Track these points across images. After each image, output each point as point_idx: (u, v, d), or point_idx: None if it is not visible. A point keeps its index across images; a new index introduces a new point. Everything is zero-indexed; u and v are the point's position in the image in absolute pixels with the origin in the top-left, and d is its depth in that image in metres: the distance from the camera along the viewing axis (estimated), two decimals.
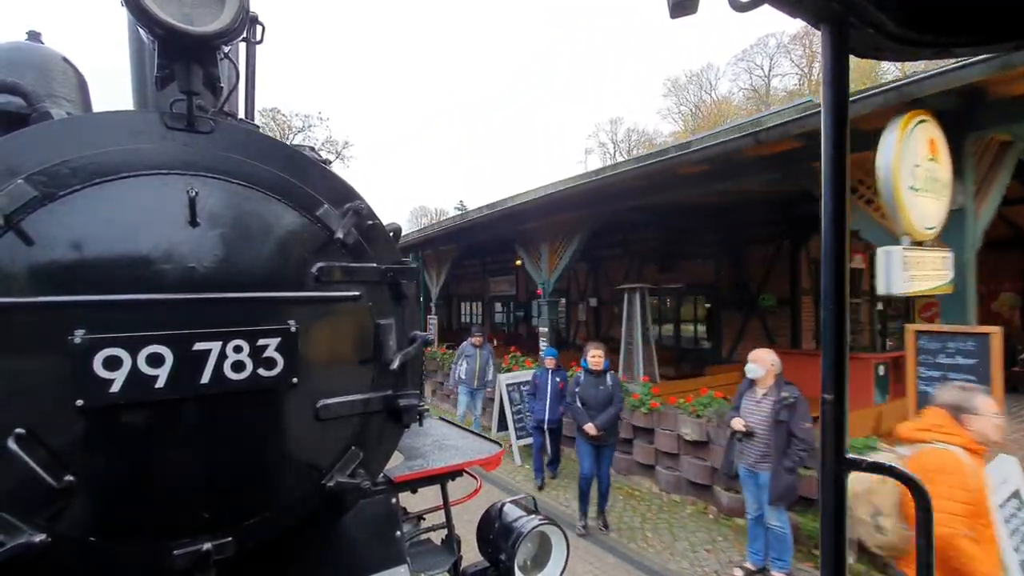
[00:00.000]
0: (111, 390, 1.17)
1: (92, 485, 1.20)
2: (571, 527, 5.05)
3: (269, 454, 1.42)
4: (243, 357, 1.31)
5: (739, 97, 34.77)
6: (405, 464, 1.97)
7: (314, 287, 1.46)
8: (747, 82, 34.43)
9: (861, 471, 0.95)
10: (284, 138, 25.89)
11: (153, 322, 1.23)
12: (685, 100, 37.52)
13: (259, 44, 2.06)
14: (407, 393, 1.64)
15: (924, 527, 0.96)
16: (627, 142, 40.13)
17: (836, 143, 0.92)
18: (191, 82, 1.33)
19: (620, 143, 40.35)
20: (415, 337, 1.68)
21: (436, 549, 2.19)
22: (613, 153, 39.87)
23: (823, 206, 0.94)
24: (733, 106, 33.97)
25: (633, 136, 40.14)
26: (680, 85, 37.48)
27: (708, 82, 36.55)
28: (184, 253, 1.28)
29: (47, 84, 1.86)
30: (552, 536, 1.95)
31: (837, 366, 0.94)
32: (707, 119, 33.88)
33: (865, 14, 0.85)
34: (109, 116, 1.33)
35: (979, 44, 0.92)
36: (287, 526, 1.46)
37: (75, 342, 1.14)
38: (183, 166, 1.33)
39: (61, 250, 1.17)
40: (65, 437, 1.16)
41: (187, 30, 1.24)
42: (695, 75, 37.05)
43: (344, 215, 1.53)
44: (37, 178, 1.17)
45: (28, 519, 1.13)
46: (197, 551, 1.30)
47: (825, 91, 0.91)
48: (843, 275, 0.94)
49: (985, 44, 0.92)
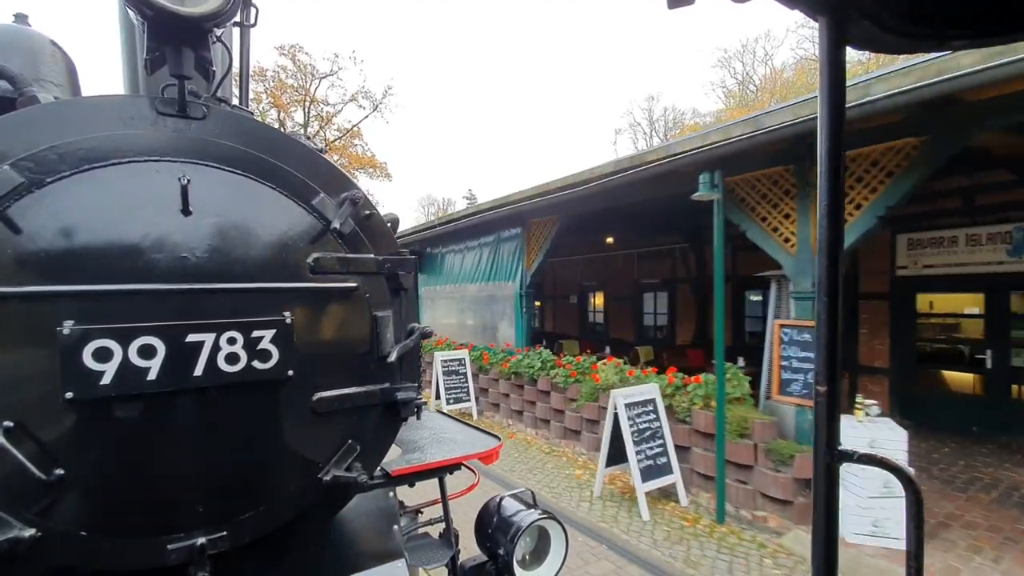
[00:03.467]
0: (101, 382, 1.14)
1: (83, 479, 1.17)
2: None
3: (264, 448, 1.40)
4: (237, 349, 1.29)
5: (790, 72, 29.13)
6: (403, 458, 1.95)
7: (310, 278, 1.44)
8: (810, 51, 27.15)
9: (853, 462, 0.95)
10: (305, 83, 23.84)
11: (144, 313, 1.20)
12: (736, 72, 32.84)
13: (253, 27, 2.01)
14: (405, 386, 1.62)
15: (914, 517, 0.96)
16: (663, 121, 36.02)
17: (832, 135, 0.91)
18: (182, 66, 1.29)
19: (656, 121, 36.24)
20: (413, 329, 1.65)
21: (434, 543, 2.18)
22: (649, 134, 35.97)
23: (819, 198, 0.94)
24: (783, 81, 29.17)
25: (670, 115, 35.98)
26: (729, 56, 32.66)
27: (764, 51, 32.28)
28: (176, 242, 1.25)
29: (35, 68, 1.81)
30: (551, 531, 1.94)
31: (830, 358, 0.94)
32: (760, 94, 29.82)
33: (863, 6, 0.85)
34: (98, 101, 1.29)
35: (977, 37, 0.91)
36: (283, 520, 1.44)
37: (64, 333, 1.11)
38: (175, 153, 1.30)
39: (49, 238, 1.14)
40: (54, 430, 1.14)
41: (177, 11, 1.20)
42: (748, 44, 32.79)
43: (340, 204, 1.50)
44: (24, 164, 1.13)
45: (17, 513, 1.11)
46: (191, 546, 1.28)
47: (822, 83, 0.91)
48: (837, 268, 0.93)
49: (983, 37, 0.91)
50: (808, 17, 0.91)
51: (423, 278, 12.85)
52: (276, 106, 23.96)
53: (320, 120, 25.87)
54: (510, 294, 9.62)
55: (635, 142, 36.65)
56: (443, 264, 12.39)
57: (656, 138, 35.23)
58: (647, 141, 35.67)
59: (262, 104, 23.65)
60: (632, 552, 4.67)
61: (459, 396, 9.39)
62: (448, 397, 9.26)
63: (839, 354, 0.95)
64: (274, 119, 23.96)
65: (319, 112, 25.78)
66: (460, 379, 9.50)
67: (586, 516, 5.44)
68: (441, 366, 9.32)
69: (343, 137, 26.42)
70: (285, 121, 24.56)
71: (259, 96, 23.42)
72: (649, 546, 4.77)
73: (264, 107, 23.80)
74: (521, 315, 9.42)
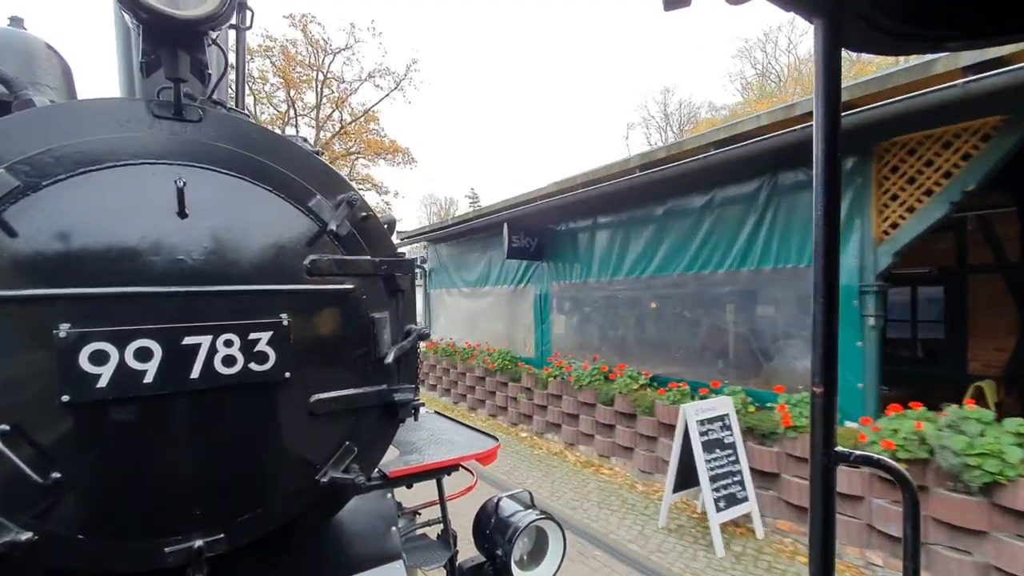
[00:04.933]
0: (98, 385, 1.14)
1: (80, 482, 1.17)
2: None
3: (261, 450, 1.40)
4: (234, 351, 1.29)
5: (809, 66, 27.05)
6: (400, 459, 1.95)
7: (306, 280, 1.44)
8: None
9: (850, 464, 0.96)
10: (317, 59, 21.34)
11: (141, 316, 1.20)
12: (757, 62, 31.32)
13: (248, 30, 2.01)
14: (402, 387, 1.62)
15: (911, 516, 0.97)
16: (679, 114, 34.47)
17: (828, 137, 0.92)
18: (178, 68, 1.29)
19: (671, 114, 34.67)
20: (410, 331, 1.66)
21: (432, 544, 2.18)
22: (665, 128, 34.45)
23: (814, 199, 0.94)
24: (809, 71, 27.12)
25: (684, 109, 34.44)
26: (750, 45, 31.42)
27: (788, 40, 29.69)
28: (172, 245, 1.25)
29: (30, 71, 1.81)
30: (549, 531, 1.94)
31: (827, 359, 0.94)
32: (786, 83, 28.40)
33: (858, 8, 0.85)
34: (94, 104, 1.29)
35: (971, 38, 0.92)
36: (280, 522, 1.44)
37: (60, 336, 1.11)
38: (171, 155, 1.30)
39: (45, 241, 1.14)
40: (51, 433, 1.14)
41: (172, 14, 1.20)
42: (770, 33, 31.03)
43: (337, 206, 1.51)
44: (19, 167, 1.13)
45: (14, 516, 1.11)
46: (189, 548, 1.28)
47: (817, 86, 0.92)
48: (835, 269, 0.93)
49: (977, 38, 0.92)
50: (804, 19, 0.91)
51: (544, 269, 8.71)
52: (286, 83, 21.11)
53: (333, 103, 22.90)
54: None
55: (648, 137, 35.54)
56: (616, 244, 7.25)
57: (671, 131, 33.90)
58: (662, 136, 34.42)
59: (269, 83, 21.11)
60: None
61: (730, 491, 4.76)
62: (716, 496, 4.64)
63: (836, 356, 0.95)
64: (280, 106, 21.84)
65: (332, 93, 22.74)
66: (727, 455, 4.86)
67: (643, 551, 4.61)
68: (698, 431, 4.73)
69: (358, 120, 23.28)
70: (296, 103, 21.92)
71: (264, 75, 20.73)
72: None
73: (272, 87, 21.35)
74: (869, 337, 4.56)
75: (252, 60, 19.61)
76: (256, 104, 20.94)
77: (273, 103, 21.80)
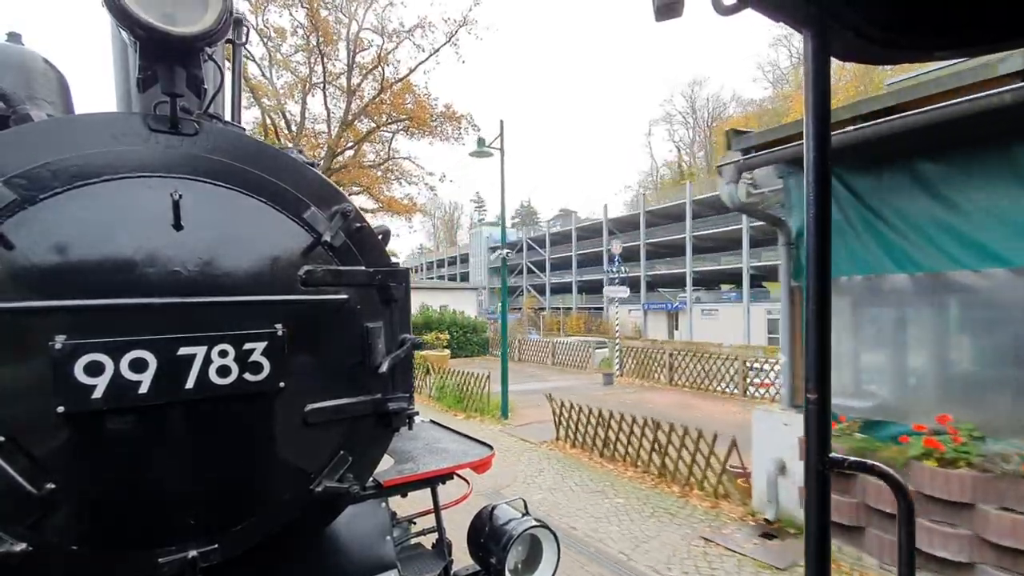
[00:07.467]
0: (93, 396, 1.15)
1: (75, 493, 1.18)
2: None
3: (256, 460, 1.41)
4: (228, 362, 1.30)
5: None
6: (395, 468, 1.95)
7: (301, 290, 1.45)
8: None
9: (844, 470, 0.97)
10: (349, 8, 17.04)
11: (136, 327, 1.21)
12: (794, 52, 29.46)
13: (244, 45, 2.04)
14: (396, 396, 1.63)
15: (905, 522, 0.98)
16: (707, 108, 33.21)
17: (819, 145, 0.94)
18: (174, 84, 1.31)
19: (700, 109, 33.38)
20: (404, 340, 1.67)
21: (427, 553, 2.17)
22: (692, 124, 33.11)
23: (806, 207, 0.96)
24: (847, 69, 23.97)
25: (712, 105, 33.13)
26: (788, 32, 27.39)
27: None
28: (168, 257, 1.26)
29: (27, 86, 1.83)
30: (543, 539, 1.94)
31: (820, 365, 0.95)
32: None
33: (847, 18, 0.87)
34: (91, 118, 1.31)
35: (960, 47, 0.93)
36: (275, 532, 1.44)
37: (56, 348, 1.12)
38: (166, 169, 1.32)
39: (42, 254, 1.15)
40: (46, 444, 1.14)
41: (169, 31, 1.22)
42: None
43: (331, 218, 1.52)
44: (17, 181, 1.15)
45: (8, 527, 1.11)
46: (183, 558, 1.28)
47: (807, 94, 0.93)
48: (827, 276, 0.95)
49: (966, 47, 0.93)
50: (793, 29, 0.93)
51: None
52: (313, 27, 16.49)
53: (364, 68, 17.92)
54: None
55: (672, 134, 34.61)
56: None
57: (699, 127, 32.54)
58: (689, 132, 33.17)
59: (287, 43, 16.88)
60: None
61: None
62: None
63: (829, 362, 0.96)
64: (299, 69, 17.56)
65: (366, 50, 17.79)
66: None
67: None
68: None
69: (399, 83, 17.76)
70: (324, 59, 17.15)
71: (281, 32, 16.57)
72: None
73: (291, 48, 17.22)
74: None
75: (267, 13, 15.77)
76: (272, 66, 17.19)
77: (291, 67, 17.74)
